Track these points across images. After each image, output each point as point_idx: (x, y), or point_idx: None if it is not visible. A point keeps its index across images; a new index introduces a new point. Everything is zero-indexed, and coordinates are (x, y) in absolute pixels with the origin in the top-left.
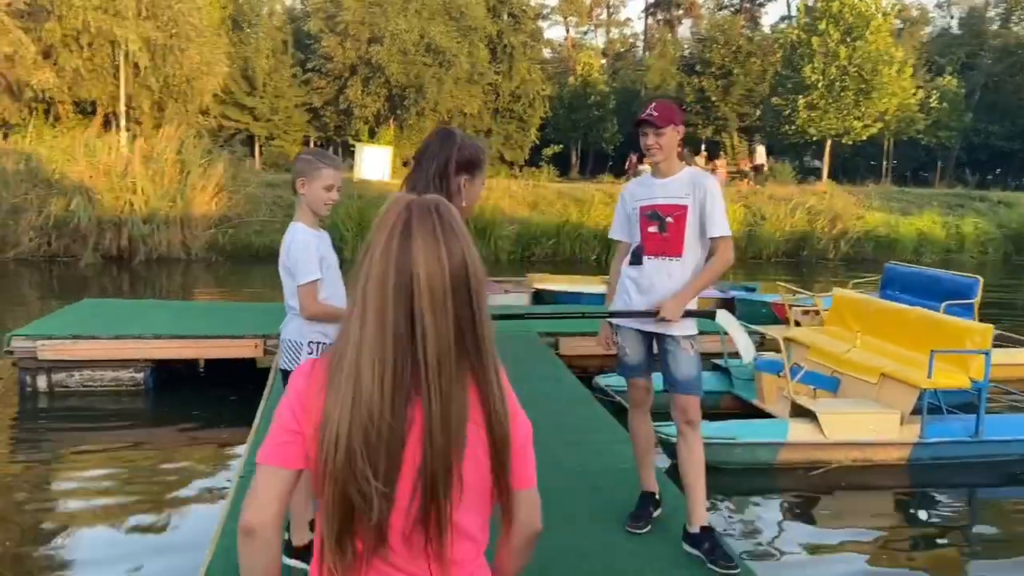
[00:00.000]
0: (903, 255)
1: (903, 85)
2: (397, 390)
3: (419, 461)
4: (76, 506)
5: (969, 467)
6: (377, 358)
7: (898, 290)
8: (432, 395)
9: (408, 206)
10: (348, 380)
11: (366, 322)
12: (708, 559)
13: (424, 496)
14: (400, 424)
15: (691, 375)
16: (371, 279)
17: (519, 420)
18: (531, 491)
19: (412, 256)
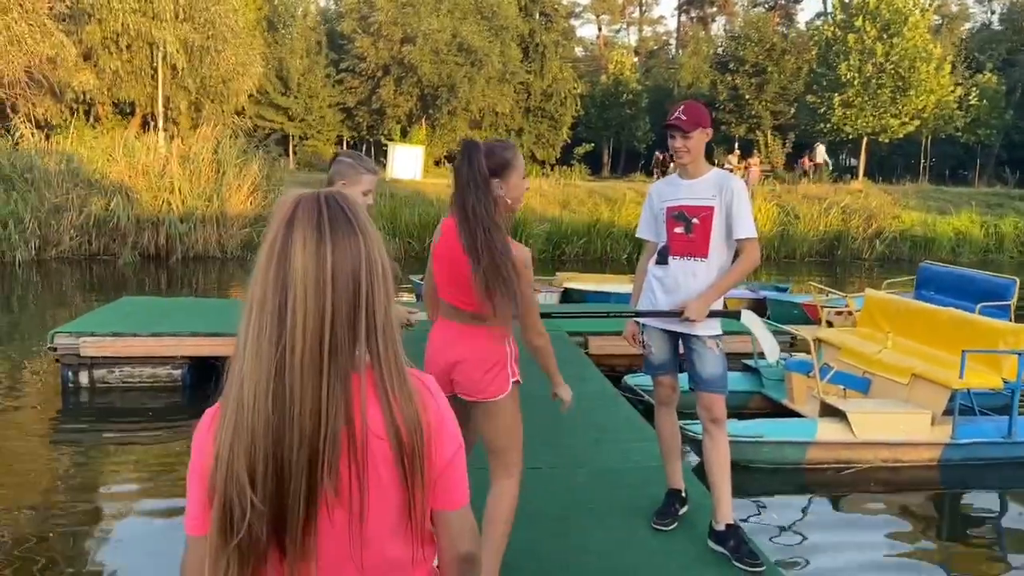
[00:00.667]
0: (940, 255)
1: (941, 82)
2: (274, 401)
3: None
4: (115, 498)
5: (1001, 468)
6: (258, 364)
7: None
8: (291, 401)
9: (296, 201)
10: (233, 401)
11: (248, 328)
12: (733, 556)
13: (289, 518)
14: (276, 439)
15: (716, 374)
16: (255, 282)
17: (445, 433)
18: (457, 512)
19: (291, 252)
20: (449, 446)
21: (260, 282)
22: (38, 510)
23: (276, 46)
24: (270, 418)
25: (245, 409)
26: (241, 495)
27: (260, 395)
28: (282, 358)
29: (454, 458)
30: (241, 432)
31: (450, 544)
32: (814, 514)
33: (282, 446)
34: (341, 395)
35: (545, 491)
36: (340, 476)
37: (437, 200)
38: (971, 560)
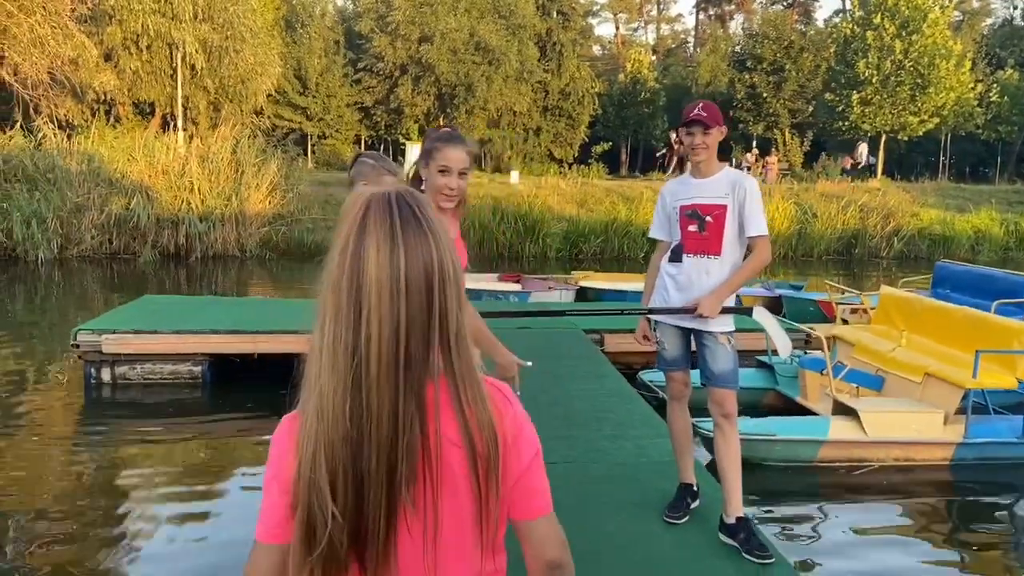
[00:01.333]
0: (959, 253)
1: (961, 79)
2: (352, 412)
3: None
4: (136, 492)
5: (1015, 468)
6: (334, 376)
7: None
8: (368, 412)
9: (367, 203)
10: (312, 412)
11: (324, 337)
12: (743, 549)
13: (369, 530)
14: (354, 451)
15: (727, 369)
16: (328, 290)
17: (522, 440)
18: (537, 521)
19: (364, 260)
20: (526, 455)
21: (333, 290)
22: (60, 504)
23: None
24: (348, 430)
25: (324, 421)
26: (323, 507)
27: (338, 407)
28: (358, 369)
29: (531, 467)
30: (321, 444)
31: (533, 553)
32: (826, 511)
33: (360, 458)
34: (416, 405)
35: (561, 485)
36: (417, 487)
37: None
38: (983, 560)
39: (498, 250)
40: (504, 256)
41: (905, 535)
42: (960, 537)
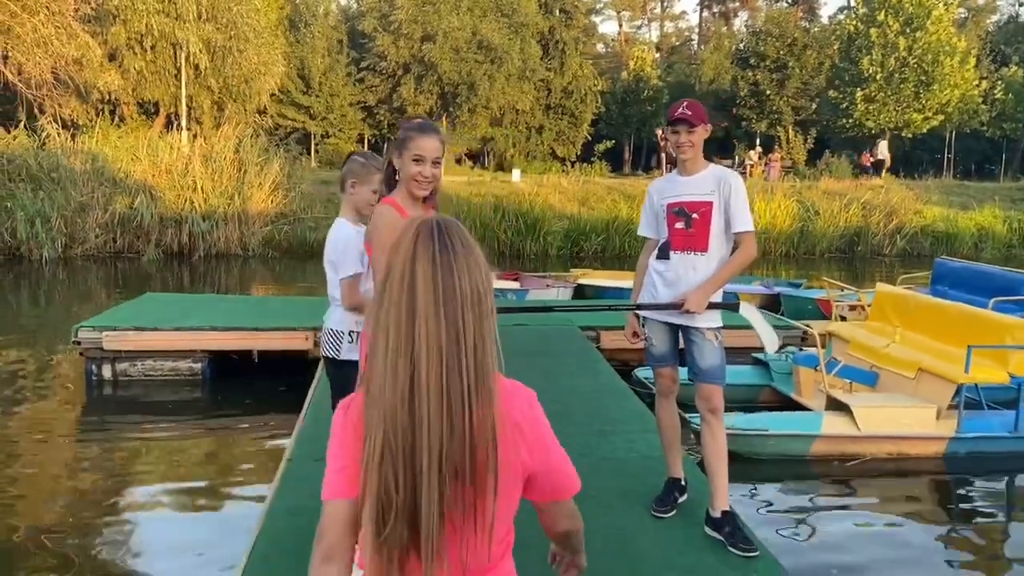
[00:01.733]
0: (961, 251)
1: (966, 76)
2: (413, 401)
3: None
4: (136, 487)
5: (1007, 462)
6: (395, 380)
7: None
8: (422, 414)
9: (416, 232)
10: (377, 400)
11: (386, 341)
12: (728, 542)
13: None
14: (416, 434)
15: (715, 365)
16: (387, 308)
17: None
18: (549, 503)
19: (416, 286)
20: (537, 449)
21: (395, 310)
22: (61, 499)
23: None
24: (406, 428)
25: (387, 420)
26: (388, 496)
27: (399, 408)
28: (415, 375)
29: (548, 459)
30: (386, 439)
31: (547, 525)
32: (818, 505)
33: (414, 454)
34: (461, 408)
35: None
36: (461, 480)
37: (456, 197)
38: (976, 553)
39: (499, 248)
40: (505, 254)
41: (897, 528)
42: (952, 530)
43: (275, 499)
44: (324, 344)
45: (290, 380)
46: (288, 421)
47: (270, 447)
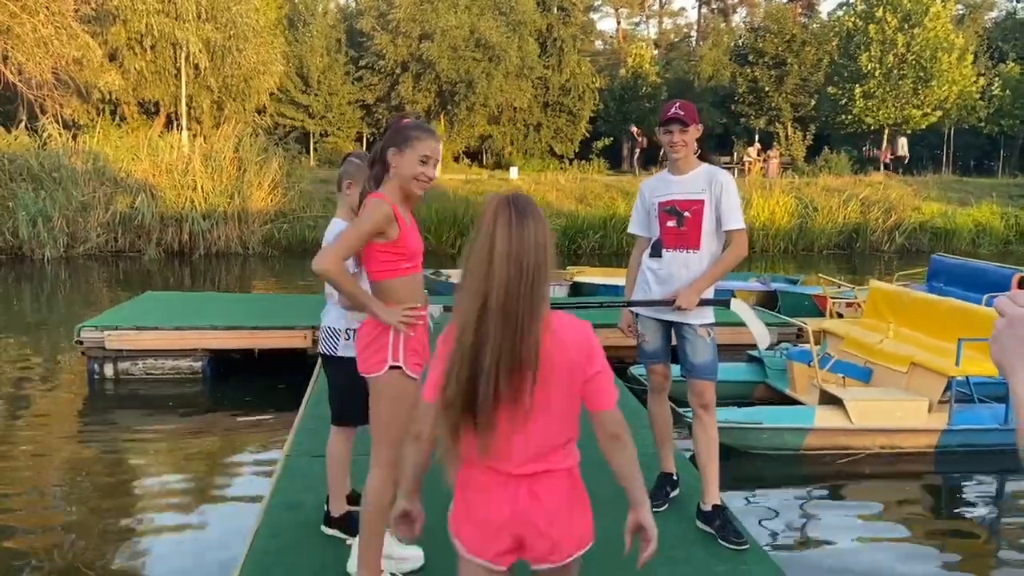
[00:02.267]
0: (959, 247)
1: (963, 73)
2: (480, 327)
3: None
4: (139, 485)
5: (998, 454)
6: (471, 306)
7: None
8: (486, 329)
9: (496, 202)
10: (458, 325)
11: (468, 282)
12: (719, 535)
13: (480, 402)
14: (482, 352)
15: (707, 361)
16: (472, 253)
17: (592, 356)
18: (600, 412)
19: (495, 239)
20: (591, 368)
21: (477, 256)
22: (64, 498)
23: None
24: (473, 338)
25: (463, 333)
26: (456, 383)
27: (470, 323)
28: (485, 302)
29: (597, 375)
30: (460, 345)
31: (599, 430)
32: (811, 498)
33: (478, 357)
34: (516, 328)
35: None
36: (514, 379)
37: (455, 196)
38: (966, 544)
39: None
40: None
41: (889, 520)
42: (943, 522)
43: (273, 494)
44: (322, 341)
45: (289, 378)
46: (288, 419)
47: (270, 444)
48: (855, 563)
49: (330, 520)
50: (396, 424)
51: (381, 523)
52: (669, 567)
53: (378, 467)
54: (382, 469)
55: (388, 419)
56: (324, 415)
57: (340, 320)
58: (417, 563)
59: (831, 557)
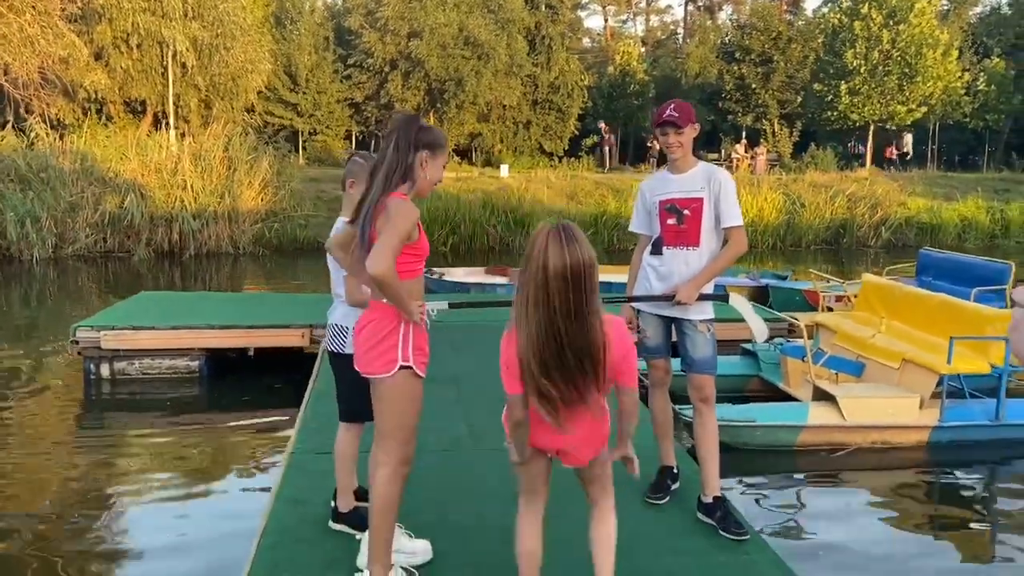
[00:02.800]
0: (945, 241)
1: (948, 68)
2: (546, 329)
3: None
4: (136, 483)
5: (989, 449)
6: (532, 312)
7: (932, 276)
8: (555, 332)
9: (547, 230)
10: (521, 329)
11: (527, 296)
12: (720, 526)
13: (568, 384)
14: (548, 347)
15: (707, 356)
16: (528, 272)
17: (621, 347)
18: (627, 388)
19: (547, 257)
20: (619, 353)
21: (530, 274)
22: (62, 498)
23: (284, 42)
24: (544, 341)
25: (531, 337)
26: (531, 376)
27: (535, 333)
28: (546, 313)
29: (624, 360)
30: (528, 350)
31: (621, 401)
32: (805, 493)
33: (547, 356)
34: (576, 329)
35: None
36: (586, 363)
37: (445, 193)
38: (959, 538)
39: (489, 243)
40: (495, 249)
41: (881, 515)
42: (935, 516)
43: (280, 490)
44: (329, 339)
45: (286, 377)
46: (285, 417)
47: (268, 442)
48: (850, 553)
49: (338, 516)
50: (409, 422)
51: (391, 518)
52: (672, 557)
53: (387, 464)
54: (391, 466)
55: (401, 418)
56: (327, 412)
57: (347, 317)
58: (426, 556)
59: (827, 547)
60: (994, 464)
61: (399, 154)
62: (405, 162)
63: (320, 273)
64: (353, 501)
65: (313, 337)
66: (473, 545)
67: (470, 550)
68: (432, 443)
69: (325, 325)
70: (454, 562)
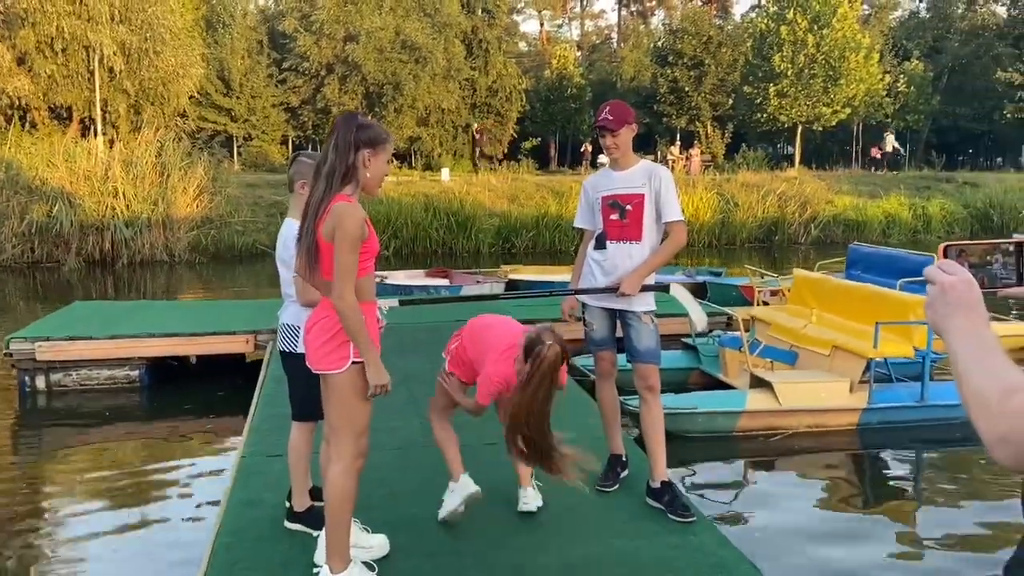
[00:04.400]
0: (871, 237)
1: (870, 71)
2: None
3: None
4: (79, 500)
5: (915, 430)
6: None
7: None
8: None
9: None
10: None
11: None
12: (668, 510)
13: None
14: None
15: (651, 346)
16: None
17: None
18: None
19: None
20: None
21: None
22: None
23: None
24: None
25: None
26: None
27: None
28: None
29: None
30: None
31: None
32: (745, 476)
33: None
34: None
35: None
36: None
37: (386, 198)
38: (889, 512)
39: (431, 247)
40: (437, 252)
41: (817, 494)
42: (866, 493)
43: (233, 492)
44: (280, 339)
45: (228, 384)
46: (229, 423)
47: (214, 449)
48: (790, 529)
49: (294, 515)
50: (362, 418)
51: (347, 513)
52: (624, 540)
53: (340, 459)
54: (344, 460)
55: (352, 413)
56: (277, 415)
57: (298, 317)
58: (383, 551)
59: (767, 526)
60: (919, 444)
61: (339, 155)
62: (346, 162)
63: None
64: (308, 500)
65: (257, 343)
66: (428, 537)
67: (426, 542)
68: (386, 442)
69: (269, 331)
70: (411, 555)
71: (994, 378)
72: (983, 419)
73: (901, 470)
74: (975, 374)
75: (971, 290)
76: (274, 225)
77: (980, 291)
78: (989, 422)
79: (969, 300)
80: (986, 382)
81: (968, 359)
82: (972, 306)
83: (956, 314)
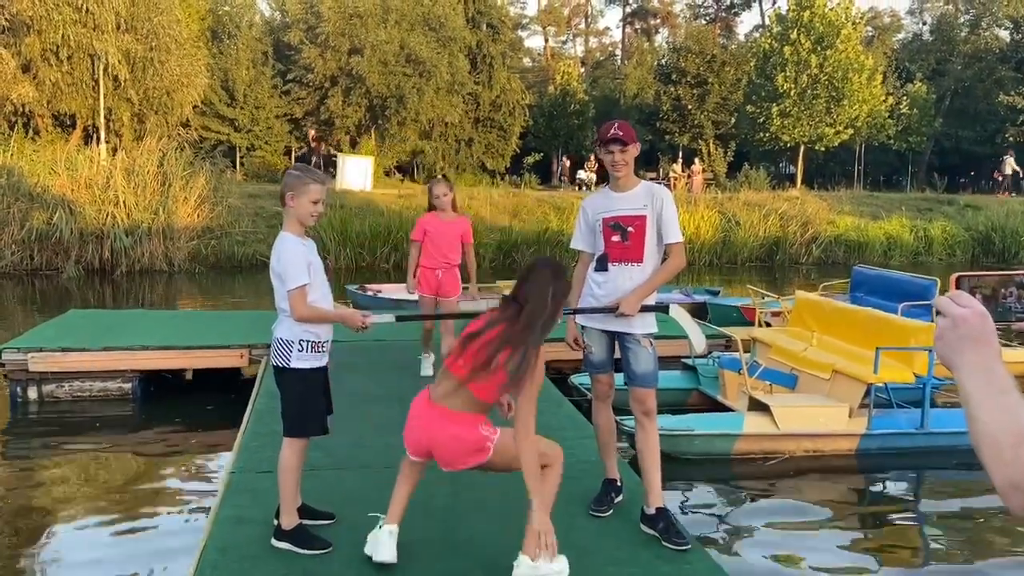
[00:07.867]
0: (872, 258)
1: (873, 92)
2: None
3: None
4: (67, 512)
5: (915, 456)
6: None
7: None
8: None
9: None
10: None
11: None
12: (663, 537)
13: None
14: None
15: (648, 370)
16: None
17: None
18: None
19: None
20: None
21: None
22: None
23: (221, 57)
24: None
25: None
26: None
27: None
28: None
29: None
30: None
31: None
32: (741, 500)
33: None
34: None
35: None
36: None
37: (387, 210)
38: (886, 540)
39: None
40: None
41: (814, 520)
42: (865, 520)
43: (220, 509)
44: (273, 353)
45: (222, 398)
46: (221, 438)
47: (204, 463)
48: (785, 556)
49: (281, 533)
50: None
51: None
52: (617, 568)
53: (290, 445)
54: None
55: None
56: (267, 431)
57: (292, 332)
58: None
59: (763, 553)
60: (919, 470)
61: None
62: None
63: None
64: (296, 519)
65: (252, 358)
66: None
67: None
68: (379, 461)
69: (264, 345)
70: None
71: (1007, 422)
72: (995, 465)
73: (900, 497)
74: (986, 415)
75: (984, 323)
76: (275, 236)
77: (993, 325)
78: (1002, 470)
79: (981, 334)
80: (998, 426)
81: (980, 398)
82: (984, 340)
83: (967, 348)
